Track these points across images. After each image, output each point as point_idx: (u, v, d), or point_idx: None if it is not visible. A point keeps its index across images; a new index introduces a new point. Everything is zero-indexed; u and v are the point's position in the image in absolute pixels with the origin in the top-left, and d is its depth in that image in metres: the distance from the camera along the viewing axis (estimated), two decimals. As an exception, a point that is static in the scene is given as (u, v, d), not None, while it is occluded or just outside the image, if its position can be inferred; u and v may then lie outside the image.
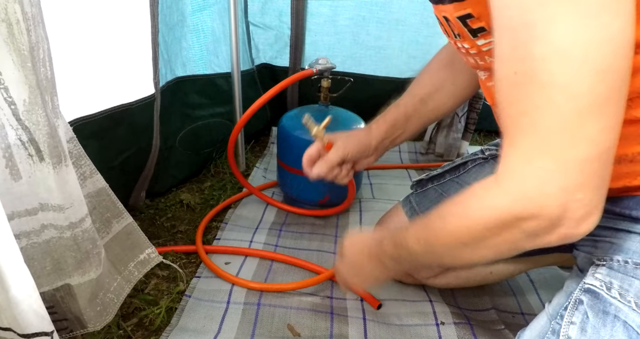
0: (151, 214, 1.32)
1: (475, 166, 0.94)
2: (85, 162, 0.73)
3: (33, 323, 0.55)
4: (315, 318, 0.97)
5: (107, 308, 0.75)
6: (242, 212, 1.36)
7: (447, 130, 1.74)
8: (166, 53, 1.28)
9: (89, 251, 0.69)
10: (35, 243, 0.64)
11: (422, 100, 0.90)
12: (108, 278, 0.77)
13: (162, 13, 1.19)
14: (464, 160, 0.96)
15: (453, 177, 0.96)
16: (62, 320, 0.71)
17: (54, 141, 0.61)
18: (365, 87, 1.87)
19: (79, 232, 0.67)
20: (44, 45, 0.62)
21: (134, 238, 0.85)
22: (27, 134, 0.59)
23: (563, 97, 0.41)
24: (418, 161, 1.81)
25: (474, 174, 0.92)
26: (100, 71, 1.06)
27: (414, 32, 1.79)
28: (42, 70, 0.61)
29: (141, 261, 0.85)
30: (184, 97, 1.43)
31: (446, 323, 0.96)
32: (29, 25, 0.57)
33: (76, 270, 0.69)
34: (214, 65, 1.49)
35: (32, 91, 0.58)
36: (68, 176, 0.64)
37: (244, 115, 1.20)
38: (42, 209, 0.63)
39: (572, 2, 0.38)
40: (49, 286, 0.68)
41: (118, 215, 0.81)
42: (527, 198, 0.46)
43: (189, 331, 0.90)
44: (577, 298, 0.58)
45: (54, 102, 0.65)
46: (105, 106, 1.10)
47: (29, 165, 0.60)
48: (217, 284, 1.05)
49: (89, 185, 0.74)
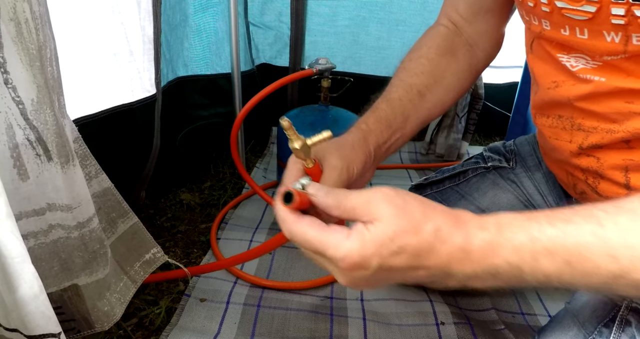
0: (151, 214, 1.32)
1: (476, 176, 0.91)
2: (90, 162, 0.73)
3: (40, 324, 0.55)
4: (315, 319, 0.97)
5: (114, 308, 0.75)
6: (242, 213, 1.36)
7: (447, 131, 1.75)
8: (168, 53, 1.27)
9: (96, 251, 0.69)
10: (43, 243, 0.64)
11: (420, 93, 0.70)
12: (114, 277, 0.77)
13: (165, 13, 1.18)
14: (464, 167, 0.93)
15: (452, 185, 0.94)
16: (70, 321, 0.71)
17: (62, 141, 0.61)
18: (365, 87, 1.88)
19: (86, 232, 0.66)
20: (51, 44, 0.62)
21: (140, 238, 0.85)
22: (35, 134, 0.58)
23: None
24: (418, 161, 1.81)
25: (475, 184, 0.89)
26: (101, 71, 1.05)
27: (414, 33, 1.80)
28: (49, 69, 0.61)
29: (147, 261, 0.85)
30: (185, 97, 1.42)
31: (446, 323, 0.96)
32: (37, 24, 0.57)
33: (83, 270, 0.69)
34: (216, 65, 1.49)
35: (40, 90, 0.58)
36: (75, 175, 0.63)
37: (243, 108, 1.20)
38: (49, 209, 0.62)
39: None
40: (56, 286, 0.67)
41: (123, 215, 0.81)
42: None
43: (188, 331, 0.90)
44: (623, 317, 0.51)
45: (61, 102, 0.65)
46: (106, 106, 1.10)
47: (36, 165, 0.60)
48: (217, 285, 1.05)
49: (94, 185, 0.74)
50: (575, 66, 0.55)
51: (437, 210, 0.39)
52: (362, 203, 0.39)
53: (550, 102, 0.62)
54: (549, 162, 0.76)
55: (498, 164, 0.88)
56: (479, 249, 0.37)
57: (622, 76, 0.50)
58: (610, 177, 0.59)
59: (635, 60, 0.48)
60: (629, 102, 0.51)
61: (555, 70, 0.59)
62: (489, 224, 0.38)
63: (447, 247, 0.37)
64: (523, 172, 0.84)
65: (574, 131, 0.60)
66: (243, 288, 1.05)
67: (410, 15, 1.75)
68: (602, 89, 0.53)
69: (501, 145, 0.91)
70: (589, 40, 0.50)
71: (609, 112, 0.54)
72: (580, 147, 0.60)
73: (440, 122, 1.75)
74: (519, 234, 0.37)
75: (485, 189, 0.87)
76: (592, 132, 0.58)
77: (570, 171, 0.66)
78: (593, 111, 0.56)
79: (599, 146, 0.58)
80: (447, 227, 0.38)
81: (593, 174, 0.61)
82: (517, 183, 0.84)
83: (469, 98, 1.69)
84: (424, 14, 1.74)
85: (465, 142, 1.77)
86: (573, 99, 0.57)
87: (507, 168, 0.86)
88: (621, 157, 0.57)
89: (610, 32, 0.47)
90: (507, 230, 0.37)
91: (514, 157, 0.87)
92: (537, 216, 0.38)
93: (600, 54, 0.50)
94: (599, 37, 0.49)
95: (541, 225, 0.37)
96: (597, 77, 0.53)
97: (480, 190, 0.86)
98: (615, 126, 0.54)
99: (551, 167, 0.76)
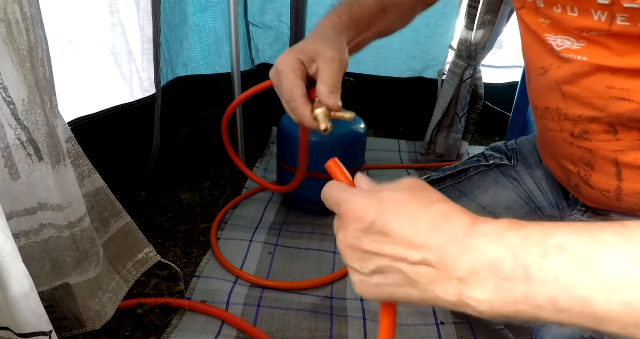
0: (151, 214, 1.33)
1: (478, 174, 0.90)
2: (83, 162, 0.73)
3: (31, 323, 0.55)
4: (315, 319, 0.97)
5: (106, 308, 0.75)
6: (242, 213, 1.36)
7: (447, 131, 1.74)
8: (168, 53, 1.28)
9: (88, 250, 0.69)
10: (34, 243, 0.64)
11: (385, 9, 0.71)
12: (107, 277, 0.77)
13: (165, 13, 1.19)
14: (466, 166, 0.93)
15: (454, 183, 0.93)
16: (61, 319, 0.71)
17: (53, 141, 0.62)
18: (365, 87, 1.87)
19: (77, 231, 0.67)
20: (43, 45, 0.63)
21: (133, 238, 0.85)
22: (26, 134, 0.59)
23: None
24: (418, 161, 1.80)
25: (477, 182, 0.89)
26: (101, 71, 1.06)
27: (414, 32, 1.79)
28: (40, 70, 0.61)
29: (139, 261, 0.85)
30: (185, 97, 1.43)
31: (446, 323, 0.96)
32: (28, 25, 0.58)
33: (75, 269, 0.69)
34: (215, 65, 1.49)
35: (31, 91, 0.58)
36: (67, 175, 0.64)
37: (237, 99, 1.20)
38: (41, 208, 0.63)
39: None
40: (47, 285, 0.68)
41: (116, 214, 0.81)
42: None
43: (189, 332, 0.91)
44: None
45: (53, 102, 0.65)
46: (106, 106, 1.10)
47: (28, 165, 0.60)
48: (217, 285, 1.05)
49: (87, 184, 0.74)
50: (560, 46, 0.57)
51: (458, 207, 0.36)
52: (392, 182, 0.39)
53: (541, 91, 0.64)
54: (545, 157, 0.77)
55: (500, 161, 0.88)
56: (485, 232, 0.33)
57: (604, 54, 0.52)
58: (601, 169, 0.60)
59: (618, 39, 0.50)
60: (610, 87, 0.53)
61: (543, 54, 0.61)
62: (502, 220, 0.34)
63: (449, 226, 0.34)
64: (524, 169, 0.84)
65: (562, 122, 0.62)
66: (243, 288, 1.05)
67: (410, 14, 1.74)
68: (584, 69, 0.55)
69: (503, 144, 0.92)
70: (578, 19, 0.52)
71: (591, 97, 0.56)
72: (572, 134, 0.61)
73: (440, 122, 1.74)
74: (530, 228, 0.32)
75: (486, 187, 0.87)
76: (578, 121, 0.59)
77: (564, 164, 0.67)
78: (577, 96, 0.57)
79: (587, 138, 0.59)
80: (459, 212, 0.35)
81: (584, 166, 0.63)
82: (518, 180, 0.84)
83: (469, 98, 1.68)
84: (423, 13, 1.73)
85: (465, 142, 1.76)
86: (561, 82, 0.59)
87: (508, 166, 0.86)
88: (611, 149, 0.58)
89: (597, 11, 0.49)
90: (519, 224, 0.33)
91: (515, 156, 0.87)
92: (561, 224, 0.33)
93: (588, 30, 0.52)
94: (587, 15, 0.51)
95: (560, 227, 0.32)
96: (580, 56, 0.55)
97: (482, 188, 0.87)
98: (597, 113, 0.56)
99: (547, 162, 0.77)
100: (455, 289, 0.33)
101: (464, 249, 0.32)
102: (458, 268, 0.32)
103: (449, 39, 1.84)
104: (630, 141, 0.56)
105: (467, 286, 0.32)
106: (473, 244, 0.32)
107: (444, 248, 0.33)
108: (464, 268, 0.32)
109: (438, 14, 1.78)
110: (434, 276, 0.33)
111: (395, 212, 0.35)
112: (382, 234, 0.35)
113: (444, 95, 1.70)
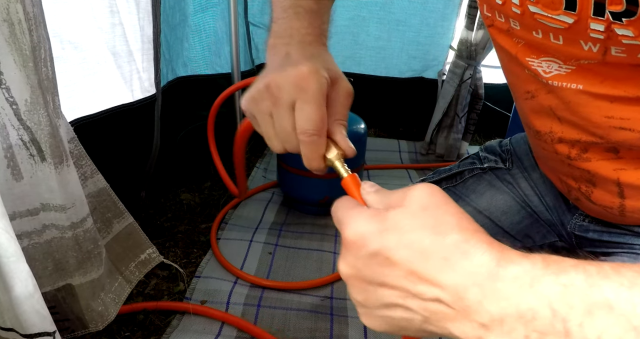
0: (151, 214, 1.32)
1: (473, 177, 0.87)
2: (86, 162, 0.73)
3: (35, 323, 0.55)
4: (315, 319, 0.97)
5: (109, 308, 0.75)
6: (242, 213, 1.36)
7: (447, 131, 1.75)
8: (168, 53, 1.28)
9: (90, 251, 0.69)
10: (37, 243, 0.64)
11: None
12: (109, 278, 0.77)
13: (165, 13, 1.19)
14: (460, 168, 0.91)
15: (450, 186, 0.91)
16: (64, 320, 0.71)
17: (56, 141, 0.61)
18: (365, 87, 1.87)
19: (80, 232, 0.67)
20: (45, 45, 0.62)
21: (135, 238, 0.85)
22: (29, 134, 0.59)
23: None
24: (418, 161, 1.81)
25: (472, 186, 0.86)
26: (101, 71, 1.05)
27: (414, 32, 1.80)
28: (43, 70, 0.61)
29: (142, 261, 0.85)
30: (185, 97, 1.43)
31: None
32: (30, 25, 0.57)
33: (77, 270, 0.69)
34: (215, 65, 1.49)
35: (33, 91, 0.58)
36: (69, 176, 0.64)
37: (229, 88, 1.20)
38: (43, 209, 0.63)
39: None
40: (50, 286, 0.68)
41: (119, 215, 0.81)
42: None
43: (189, 332, 0.91)
44: None
45: (55, 102, 0.65)
46: (106, 106, 1.10)
47: (30, 165, 0.60)
48: (217, 285, 1.05)
49: (90, 185, 0.74)
50: (548, 72, 0.50)
51: (477, 228, 0.31)
52: (402, 191, 0.33)
53: (529, 113, 0.60)
54: (543, 167, 0.75)
55: (494, 164, 0.87)
56: (515, 277, 0.28)
57: (597, 81, 0.47)
58: (603, 187, 0.58)
59: (611, 66, 0.45)
60: (609, 117, 0.49)
61: (525, 78, 0.54)
62: (534, 258, 0.29)
63: (468, 263, 0.29)
64: (519, 173, 0.83)
65: (556, 144, 0.58)
66: (243, 288, 1.05)
67: (410, 15, 1.74)
68: (579, 97, 0.49)
69: (497, 144, 0.90)
70: (564, 47, 0.46)
71: (589, 126, 0.51)
72: (569, 157, 0.58)
73: (440, 122, 1.74)
74: (572, 274, 0.27)
75: (481, 191, 0.86)
76: (576, 144, 0.56)
77: (563, 178, 0.65)
78: (573, 122, 0.53)
79: (586, 158, 0.56)
80: (479, 246, 0.29)
81: (585, 183, 0.60)
82: (513, 184, 0.83)
83: (469, 98, 1.68)
84: (424, 13, 1.74)
85: (465, 142, 1.77)
86: (554, 108, 0.54)
87: (503, 169, 0.85)
88: (612, 168, 0.55)
89: (588, 42, 0.43)
90: (556, 265, 0.28)
91: (510, 158, 0.86)
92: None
93: (577, 58, 0.46)
94: (575, 44, 0.44)
95: None
96: (574, 84, 0.49)
97: (477, 192, 0.86)
98: (597, 139, 0.52)
99: (545, 172, 0.75)
100: (476, 332, 0.29)
101: (488, 293, 0.28)
102: (481, 314, 0.28)
103: (449, 39, 1.85)
104: (632, 157, 0.52)
105: (491, 332, 0.28)
106: (500, 290, 0.28)
107: (462, 289, 0.29)
108: (488, 316, 0.28)
109: (438, 14, 1.78)
110: (450, 315, 0.30)
111: (402, 241, 0.31)
112: (386, 264, 0.31)
113: (444, 95, 1.71)
